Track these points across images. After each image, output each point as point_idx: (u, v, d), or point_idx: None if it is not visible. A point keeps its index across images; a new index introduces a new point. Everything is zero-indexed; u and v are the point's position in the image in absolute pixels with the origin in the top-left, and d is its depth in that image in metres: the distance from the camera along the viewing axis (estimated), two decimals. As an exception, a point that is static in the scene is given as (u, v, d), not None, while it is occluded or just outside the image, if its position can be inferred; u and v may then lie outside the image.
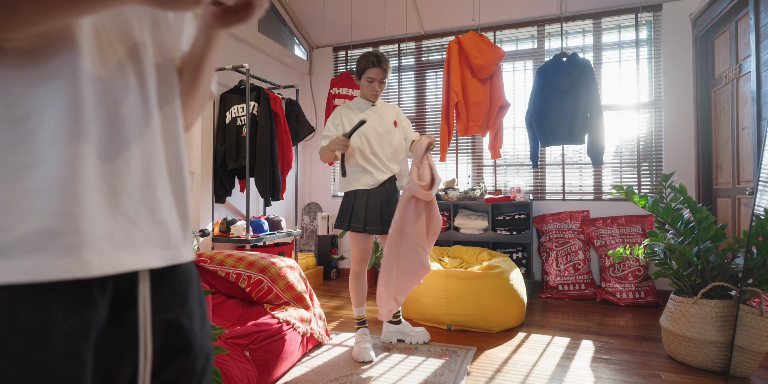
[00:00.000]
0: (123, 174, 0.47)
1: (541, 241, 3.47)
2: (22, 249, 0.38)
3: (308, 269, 3.67)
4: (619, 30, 3.45)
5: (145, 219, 0.49)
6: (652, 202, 2.11)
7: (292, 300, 2.16)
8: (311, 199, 4.33)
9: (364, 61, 2.09)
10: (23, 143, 0.40)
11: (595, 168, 3.48)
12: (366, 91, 2.14)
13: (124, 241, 0.46)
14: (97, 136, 0.44)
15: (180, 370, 0.54)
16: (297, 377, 1.86)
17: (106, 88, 0.46)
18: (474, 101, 3.18)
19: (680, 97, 3.23)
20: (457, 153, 3.88)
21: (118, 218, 0.46)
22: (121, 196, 0.46)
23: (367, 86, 2.12)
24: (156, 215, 0.51)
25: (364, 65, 2.08)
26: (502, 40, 3.78)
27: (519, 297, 2.54)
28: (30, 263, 0.38)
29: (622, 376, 1.87)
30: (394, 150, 2.17)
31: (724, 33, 2.85)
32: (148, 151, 0.50)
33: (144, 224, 0.49)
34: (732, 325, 1.89)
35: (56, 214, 0.40)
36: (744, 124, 2.58)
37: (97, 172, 0.44)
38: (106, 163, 0.45)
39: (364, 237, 2.14)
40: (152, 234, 0.50)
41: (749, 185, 2.50)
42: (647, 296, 3.03)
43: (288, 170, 3.25)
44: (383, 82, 2.13)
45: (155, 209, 0.51)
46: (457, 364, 1.99)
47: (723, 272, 2.00)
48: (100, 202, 0.44)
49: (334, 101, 3.68)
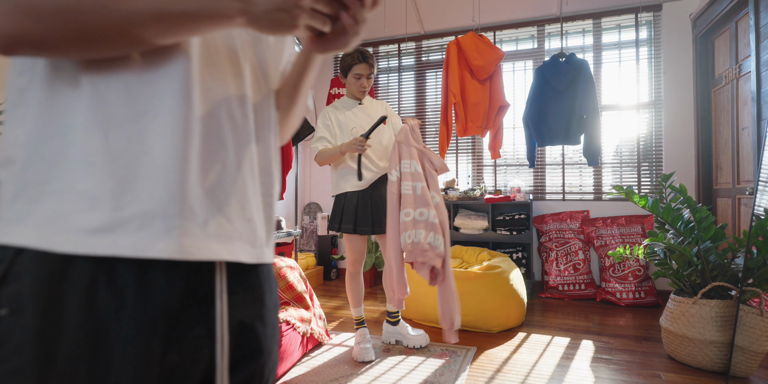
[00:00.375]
0: (219, 171, 0.51)
1: (541, 241, 3.47)
2: (128, 226, 0.44)
3: (308, 269, 3.67)
4: (619, 30, 3.45)
5: (237, 215, 0.53)
6: (652, 202, 2.11)
7: (292, 300, 2.16)
8: (311, 199, 4.33)
9: (349, 58, 2.06)
10: (139, 135, 0.45)
11: (595, 168, 3.48)
12: (353, 88, 2.11)
13: (217, 232, 0.50)
14: (200, 133, 0.49)
15: (250, 373, 0.55)
16: (297, 377, 1.85)
17: (210, 91, 0.51)
18: (473, 102, 3.18)
19: (680, 97, 3.23)
20: (457, 153, 3.88)
21: (212, 210, 0.50)
22: (217, 191, 0.51)
23: (355, 83, 2.09)
24: (246, 213, 0.54)
25: (350, 62, 2.06)
26: (502, 40, 3.78)
27: (519, 297, 2.54)
28: (132, 240, 0.44)
29: (622, 376, 1.87)
30: (383, 148, 2.14)
31: (724, 33, 2.85)
32: (242, 153, 0.54)
33: (236, 219, 0.53)
34: (732, 325, 1.89)
35: (159, 198, 0.45)
36: (744, 124, 2.58)
37: (198, 166, 0.48)
38: (206, 158, 0.50)
39: (356, 238, 2.13)
40: (243, 230, 0.53)
41: (749, 185, 2.50)
42: (647, 296, 3.03)
43: (288, 170, 3.25)
44: (370, 77, 2.09)
45: (245, 207, 0.54)
46: (457, 364, 1.99)
47: (723, 272, 2.00)
48: (199, 193, 0.48)
49: (334, 101, 3.68)
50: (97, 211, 0.44)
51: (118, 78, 0.46)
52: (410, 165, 1.90)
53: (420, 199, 1.86)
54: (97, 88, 0.45)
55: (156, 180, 0.45)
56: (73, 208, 0.44)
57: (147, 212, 0.45)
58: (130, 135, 0.45)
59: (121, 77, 0.46)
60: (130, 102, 0.46)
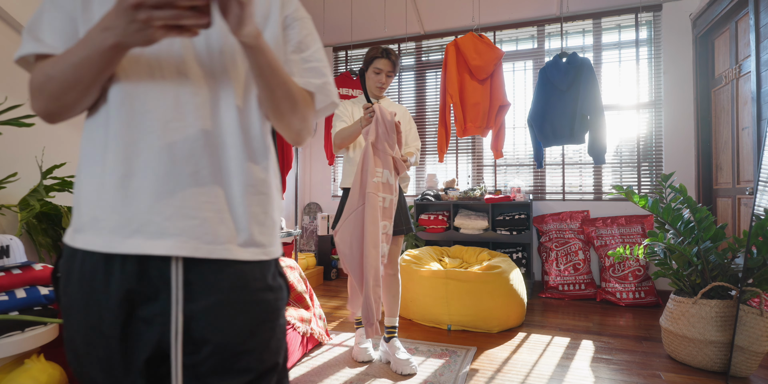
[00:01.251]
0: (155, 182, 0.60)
1: (541, 241, 3.47)
2: (85, 228, 0.61)
3: (308, 269, 3.67)
4: (619, 30, 3.45)
5: (178, 215, 0.60)
6: (652, 202, 2.11)
7: (292, 300, 2.16)
8: (311, 199, 4.33)
9: (373, 51, 2.00)
10: (102, 163, 0.62)
11: (595, 168, 3.48)
12: (371, 83, 2.04)
13: (146, 230, 0.59)
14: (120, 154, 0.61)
15: (202, 360, 0.62)
16: (297, 377, 1.86)
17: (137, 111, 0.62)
18: (472, 102, 3.18)
19: (680, 97, 3.23)
20: (456, 153, 3.88)
21: (145, 213, 0.60)
22: (164, 197, 0.60)
23: (373, 77, 2.02)
24: (200, 213, 0.61)
25: (373, 55, 2.00)
26: (502, 40, 3.78)
27: (519, 297, 2.54)
28: (87, 238, 0.61)
29: (622, 376, 1.87)
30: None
31: (724, 33, 2.85)
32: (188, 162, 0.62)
33: (177, 219, 0.60)
34: (732, 325, 1.89)
35: (98, 207, 0.61)
36: (744, 124, 2.58)
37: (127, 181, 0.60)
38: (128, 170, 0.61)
39: None
40: (189, 228, 0.60)
41: (749, 185, 2.50)
42: (647, 296, 3.03)
43: (288, 170, 3.25)
44: (390, 76, 2.02)
45: (199, 208, 0.61)
46: (457, 364, 1.99)
47: (723, 272, 2.00)
48: (135, 202, 0.60)
49: (347, 99, 3.68)
50: (78, 217, 0.63)
51: (87, 123, 0.66)
52: (382, 174, 1.83)
53: (387, 212, 1.82)
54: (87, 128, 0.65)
55: (99, 193, 0.61)
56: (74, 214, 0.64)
57: (92, 217, 0.61)
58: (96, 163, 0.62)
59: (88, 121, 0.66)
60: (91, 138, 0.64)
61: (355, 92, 3.69)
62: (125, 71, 0.62)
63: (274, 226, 0.71)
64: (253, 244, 0.65)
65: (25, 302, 1.33)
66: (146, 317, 0.60)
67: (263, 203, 0.67)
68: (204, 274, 0.62)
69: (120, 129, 0.61)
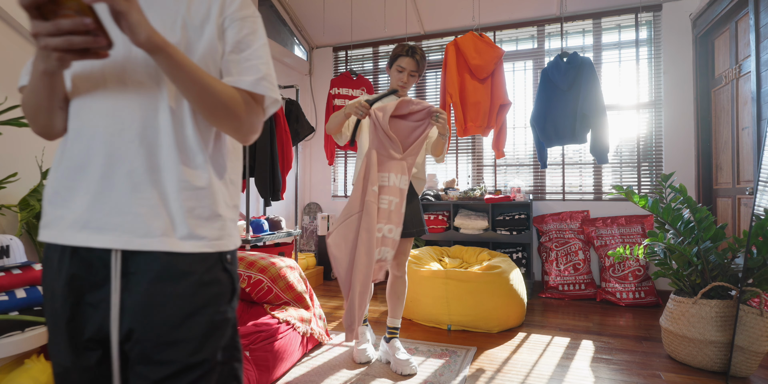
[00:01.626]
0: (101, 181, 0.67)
1: (541, 241, 3.47)
2: (49, 224, 0.70)
3: (308, 269, 3.67)
4: (619, 30, 3.45)
5: (114, 212, 0.66)
6: (652, 202, 2.11)
7: (292, 300, 2.16)
8: (311, 199, 4.33)
9: (398, 48, 1.94)
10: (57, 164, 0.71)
11: (595, 168, 3.48)
12: (393, 81, 1.97)
13: (91, 225, 0.66)
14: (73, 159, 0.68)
15: (137, 354, 0.67)
16: (297, 377, 1.86)
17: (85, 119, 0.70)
18: (472, 102, 3.18)
19: (680, 97, 3.23)
20: (457, 153, 3.88)
21: (83, 210, 0.67)
22: (103, 196, 0.67)
23: (396, 75, 1.95)
24: (133, 209, 0.66)
25: (398, 52, 1.94)
26: (502, 40, 3.78)
27: (519, 297, 2.54)
28: (50, 232, 0.69)
29: (622, 376, 1.87)
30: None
31: (724, 33, 2.85)
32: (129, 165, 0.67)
33: (114, 216, 0.66)
34: (732, 325, 1.89)
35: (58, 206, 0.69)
36: (744, 124, 2.58)
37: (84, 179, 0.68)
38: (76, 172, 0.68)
39: None
40: (122, 223, 0.66)
41: (749, 185, 2.50)
42: (647, 296, 3.03)
43: (288, 170, 3.25)
44: (413, 75, 1.95)
45: (133, 204, 0.66)
46: (457, 364, 1.99)
47: (723, 272, 2.00)
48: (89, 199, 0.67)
49: (334, 101, 3.68)
50: (44, 216, 0.71)
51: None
52: (388, 178, 1.78)
53: (392, 215, 1.77)
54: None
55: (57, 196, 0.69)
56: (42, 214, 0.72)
57: (48, 213, 0.70)
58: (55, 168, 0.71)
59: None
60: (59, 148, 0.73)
61: (356, 92, 3.69)
62: (77, 88, 0.70)
63: (222, 220, 0.72)
64: (194, 237, 0.68)
65: (25, 302, 1.34)
66: (93, 303, 0.68)
67: (201, 198, 0.70)
68: (140, 265, 0.67)
69: (73, 138, 0.69)
